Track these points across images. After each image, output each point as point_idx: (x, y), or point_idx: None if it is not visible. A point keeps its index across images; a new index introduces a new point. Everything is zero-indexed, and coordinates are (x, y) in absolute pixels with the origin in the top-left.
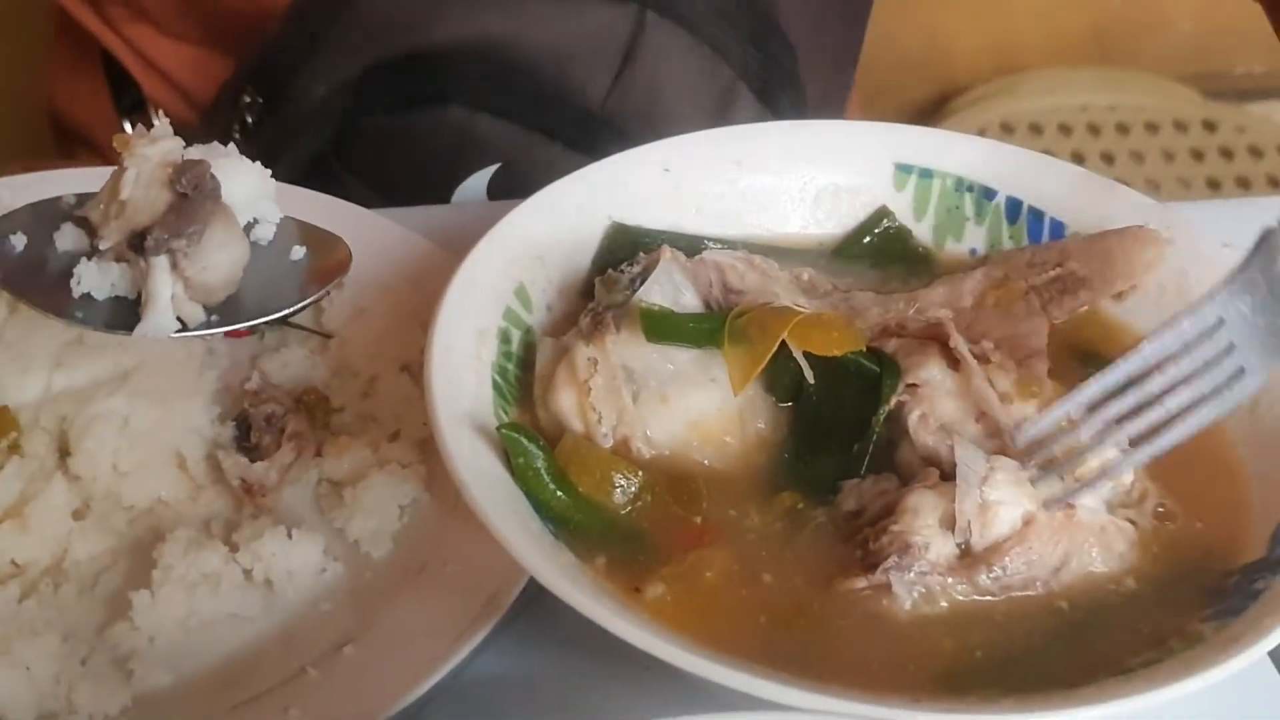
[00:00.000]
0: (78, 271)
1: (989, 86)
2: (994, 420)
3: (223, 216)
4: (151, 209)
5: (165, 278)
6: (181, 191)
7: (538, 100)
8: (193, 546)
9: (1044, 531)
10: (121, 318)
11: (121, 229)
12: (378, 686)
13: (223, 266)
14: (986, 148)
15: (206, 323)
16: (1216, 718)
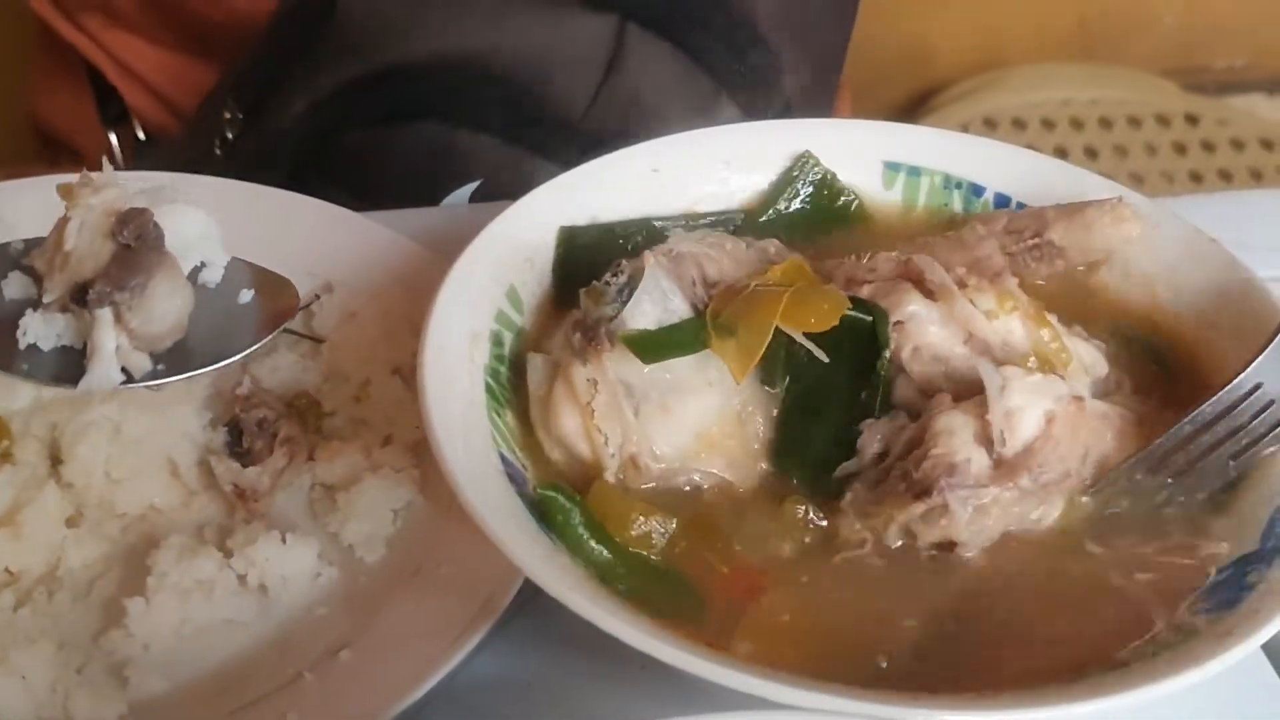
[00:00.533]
0: (24, 323)
1: (972, 82)
2: (982, 338)
3: (166, 266)
4: (95, 260)
5: (109, 330)
6: (124, 243)
7: (518, 114)
8: (186, 553)
9: (1065, 426)
10: (68, 368)
11: (66, 281)
12: (374, 690)
13: (167, 316)
14: (974, 144)
15: (153, 372)
16: (1209, 710)
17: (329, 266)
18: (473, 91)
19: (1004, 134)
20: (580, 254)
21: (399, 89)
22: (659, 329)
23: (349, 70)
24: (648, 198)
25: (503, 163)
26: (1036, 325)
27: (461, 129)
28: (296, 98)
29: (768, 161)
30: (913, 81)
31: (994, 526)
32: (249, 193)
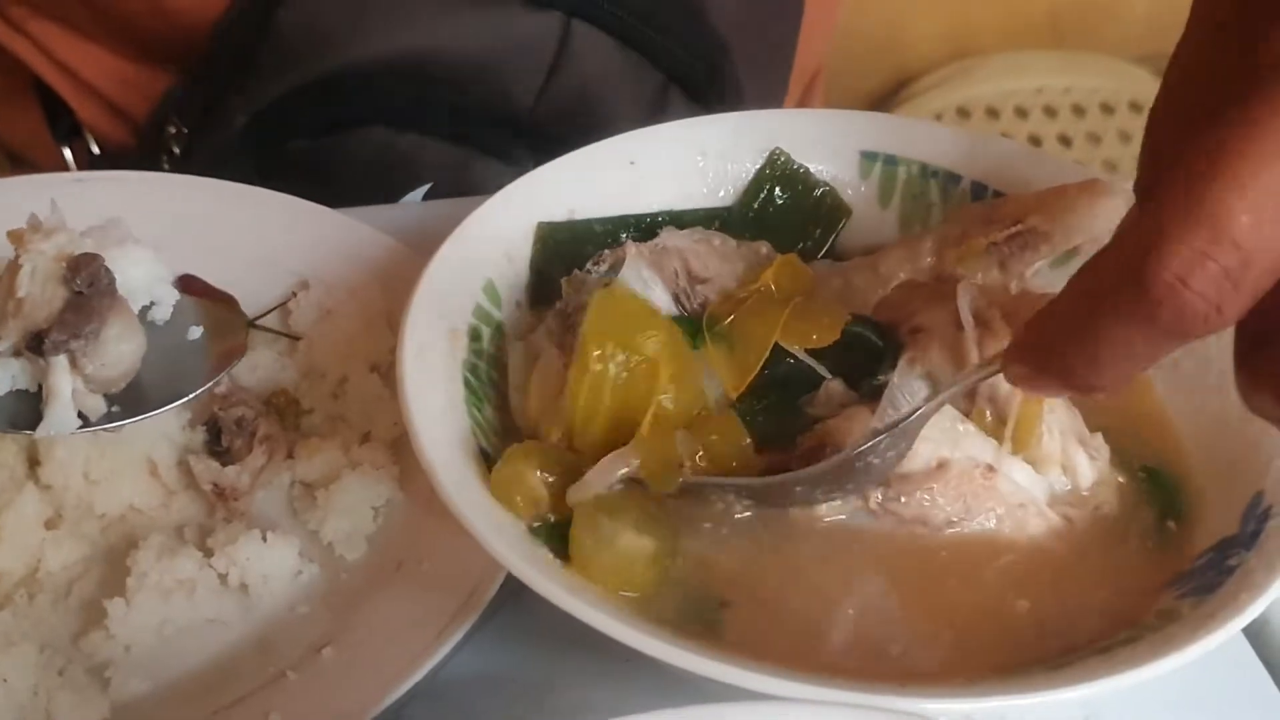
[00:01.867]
0: None
1: (944, 71)
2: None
3: (119, 311)
4: (48, 307)
5: (65, 376)
6: (78, 290)
7: (463, 114)
8: (166, 553)
9: (952, 481)
10: (23, 412)
11: (20, 328)
12: (358, 687)
13: (122, 360)
14: (951, 134)
15: (108, 414)
16: (1191, 694)
17: (305, 263)
18: (417, 94)
19: (978, 123)
20: (558, 249)
21: (342, 96)
22: None
23: (289, 80)
24: (625, 191)
25: (451, 164)
26: (1029, 399)
27: (408, 133)
28: (238, 110)
29: (743, 152)
30: (885, 71)
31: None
32: (222, 190)
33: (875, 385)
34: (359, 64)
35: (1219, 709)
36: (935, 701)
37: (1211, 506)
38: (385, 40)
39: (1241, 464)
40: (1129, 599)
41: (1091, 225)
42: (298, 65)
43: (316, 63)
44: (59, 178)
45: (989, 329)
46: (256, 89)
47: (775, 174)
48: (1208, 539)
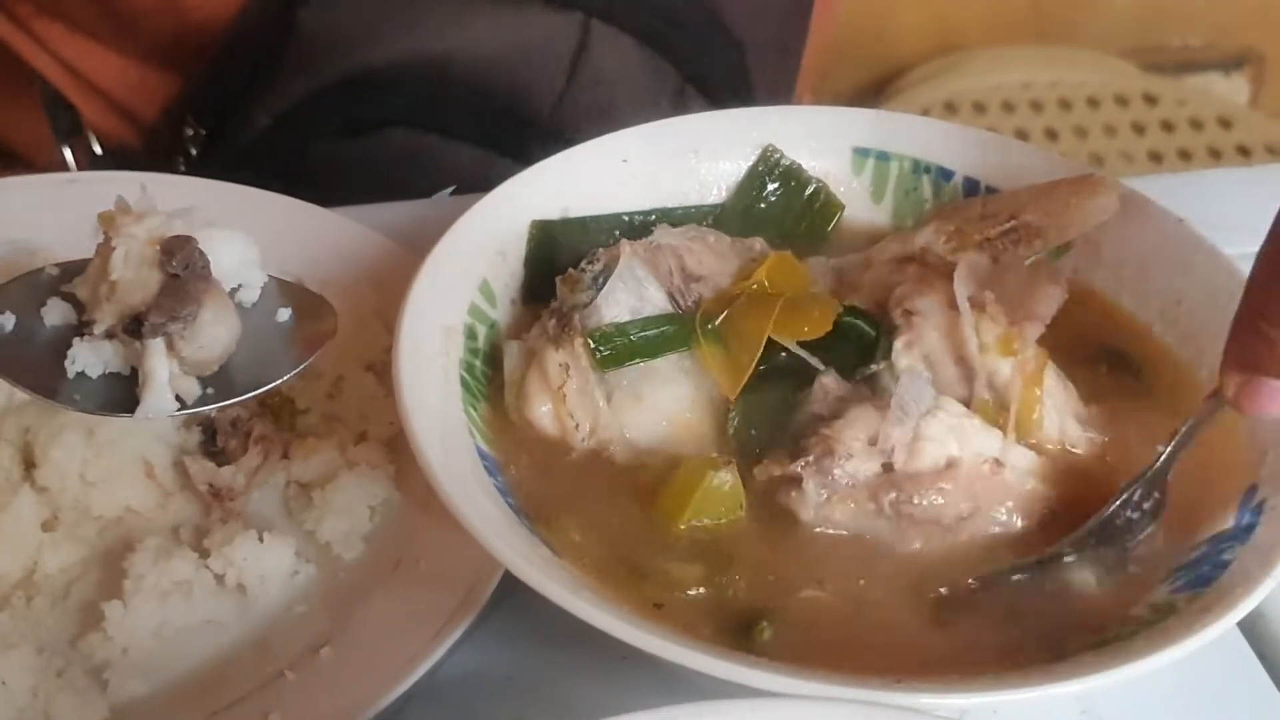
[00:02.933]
0: (72, 353)
1: (931, 66)
2: (969, 365)
3: (214, 294)
4: (143, 290)
5: (162, 359)
6: (173, 272)
7: (484, 116)
8: (163, 554)
9: (963, 478)
10: (116, 393)
11: (115, 311)
12: (356, 687)
13: (217, 343)
14: (942, 129)
15: (203, 396)
16: (1187, 687)
17: (300, 263)
18: (438, 96)
19: (965, 118)
20: (552, 247)
21: (363, 97)
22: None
23: (311, 81)
24: (618, 188)
25: (472, 166)
26: (1027, 381)
27: (429, 134)
28: (258, 111)
29: (736, 149)
30: (871, 67)
31: (838, 524)
32: (217, 190)
33: (869, 374)
34: (379, 64)
35: (1214, 702)
36: (931, 697)
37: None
38: (405, 40)
39: (1235, 457)
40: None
41: (1084, 221)
42: (318, 65)
43: (337, 63)
44: (51, 178)
45: (984, 312)
46: (277, 90)
47: (768, 170)
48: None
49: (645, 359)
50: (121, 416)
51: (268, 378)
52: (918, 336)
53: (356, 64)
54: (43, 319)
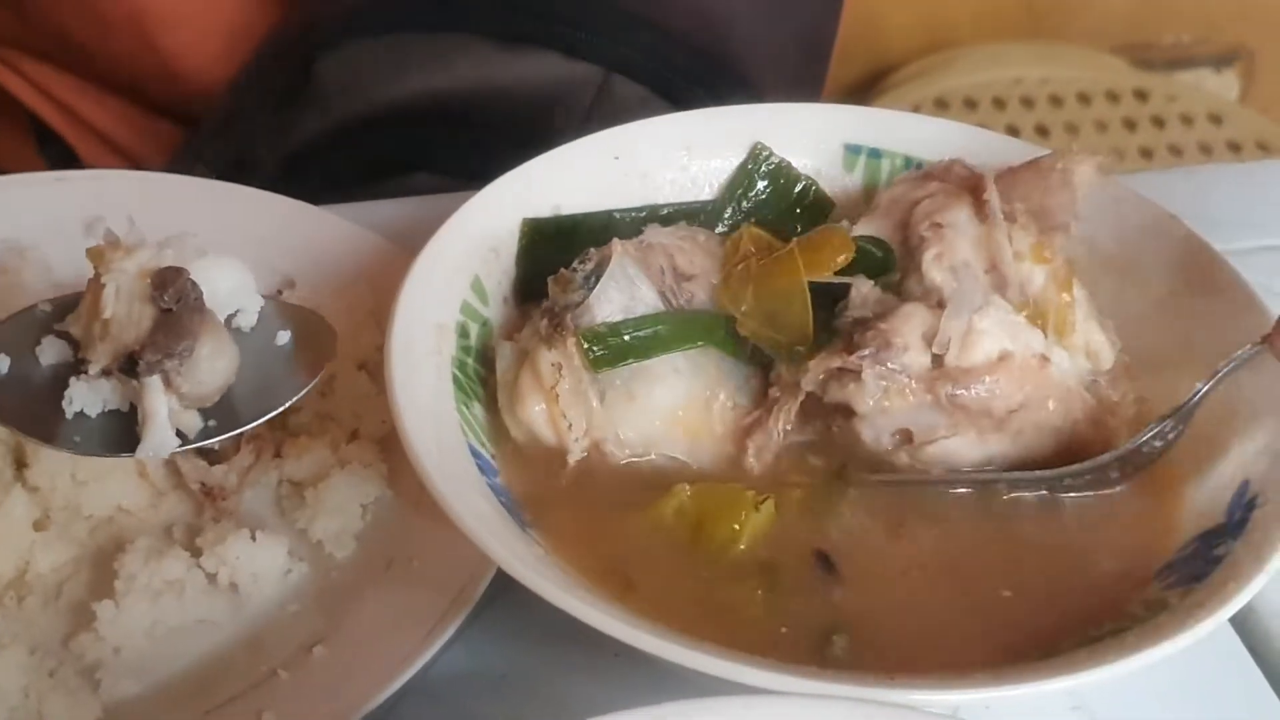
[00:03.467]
0: (69, 393)
1: (922, 63)
2: (1002, 272)
3: (210, 326)
4: (137, 326)
5: (160, 397)
6: (165, 306)
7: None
8: (154, 554)
9: (1015, 370)
10: (116, 431)
11: (109, 349)
12: (350, 686)
13: (216, 375)
14: (934, 126)
15: (205, 429)
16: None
17: (291, 261)
18: (458, 140)
19: (956, 114)
20: (544, 245)
21: (378, 139)
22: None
23: (324, 125)
24: (609, 185)
25: None
26: (1059, 288)
27: (449, 178)
28: (269, 155)
29: (728, 147)
30: (862, 64)
31: (894, 416)
32: (206, 189)
33: (893, 283)
34: (395, 106)
35: (1206, 698)
36: (924, 693)
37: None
38: (423, 84)
39: (1228, 452)
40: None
41: (1071, 200)
42: (331, 112)
43: (352, 108)
44: (40, 177)
45: (1015, 222)
46: (290, 135)
47: (758, 168)
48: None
49: (638, 359)
50: (123, 457)
51: (270, 405)
52: (948, 248)
53: (371, 109)
54: (38, 358)
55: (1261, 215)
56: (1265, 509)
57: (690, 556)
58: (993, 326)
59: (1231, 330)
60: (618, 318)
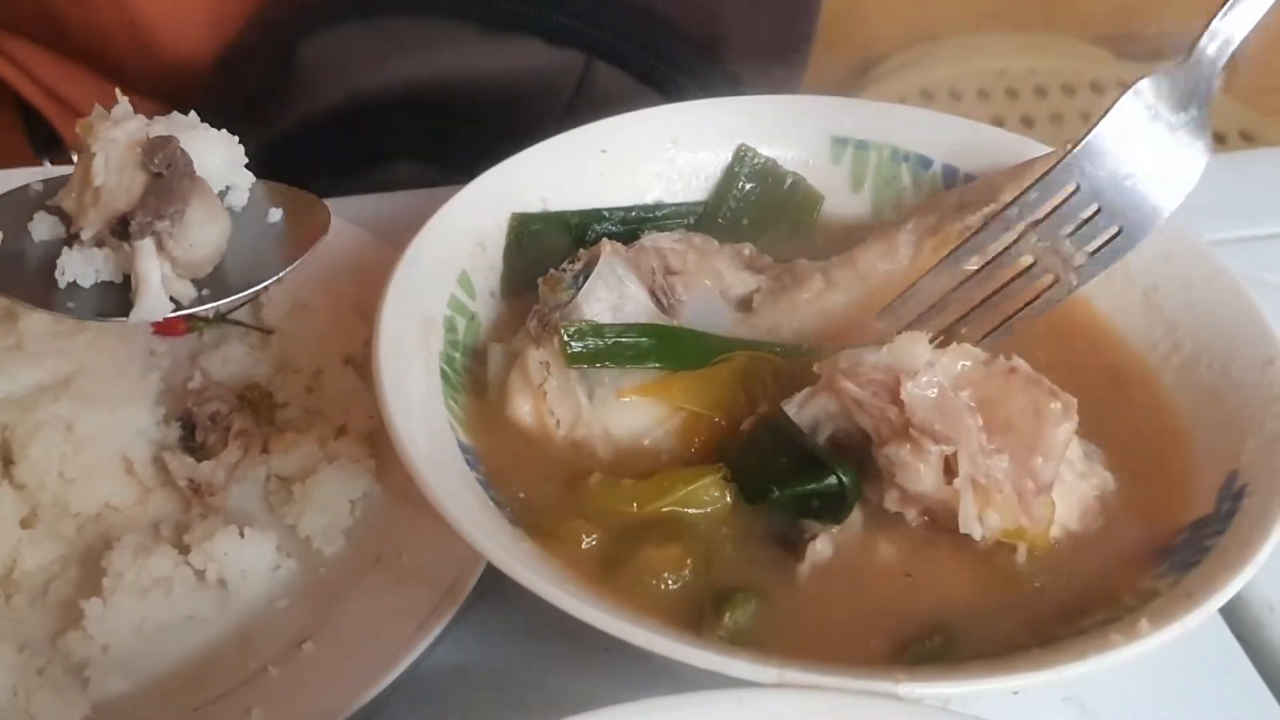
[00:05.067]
0: (61, 262)
1: (907, 55)
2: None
3: (201, 191)
4: (128, 193)
5: (153, 261)
6: (156, 171)
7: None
8: (142, 551)
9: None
10: (110, 303)
11: (101, 216)
12: (339, 682)
13: (209, 241)
14: (921, 117)
15: (199, 298)
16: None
17: None
18: (438, 127)
19: (941, 105)
20: (532, 239)
21: (361, 129)
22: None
23: (308, 110)
24: (597, 179)
25: None
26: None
27: (431, 167)
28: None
29: (715, 139)
30: (846, 56)
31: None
32: None
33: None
34: (377, 94)
35: (1197, 686)
36: (915, 686)
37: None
38: (404, 71)
39: (1217, 443)
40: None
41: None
42: (315, 96)
43: (335, 93)
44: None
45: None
46: (273, 119)
47: (744, 170)
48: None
49: (614, 365)
50: (116, 321)
51: (261, 277)
52: (910, 498)
53: (354, 95)
54: (30, 234)
55: (1246, 205)
56: (1253, 499)
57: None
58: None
59: (1217, 321)
60: (606, 317)
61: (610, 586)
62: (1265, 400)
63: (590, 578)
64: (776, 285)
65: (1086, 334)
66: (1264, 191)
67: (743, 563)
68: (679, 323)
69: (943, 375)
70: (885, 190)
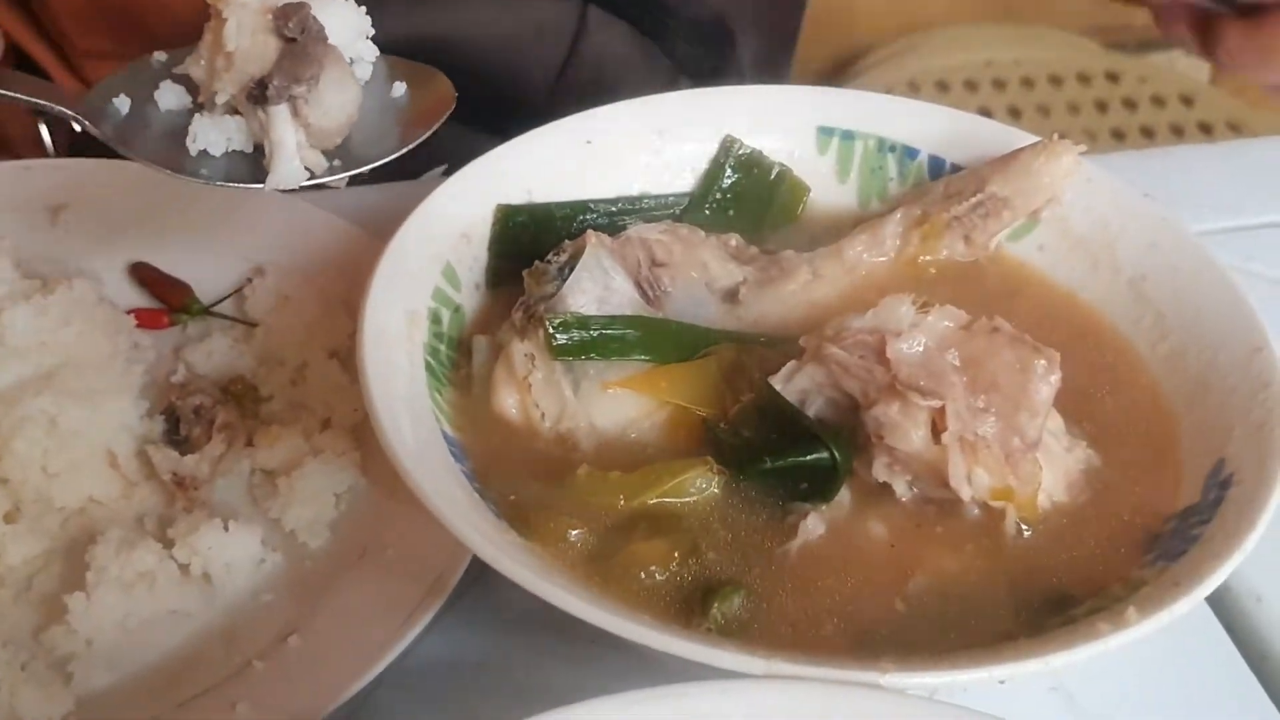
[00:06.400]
0: (193, 129)
1: (894, 46)
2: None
3: (334, 58)
4: (262, 58)
5: (288, 126)
6: (289, 36)
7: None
8: (126, 545)
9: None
10: (241, 172)
11: (235, 81)
12: (325, 675)
13: (341, 109)
14: (908, 107)
15: (330, 168)
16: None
17: (261, 249)
18: None
19: (928, 96)
20: (517, 231)
21: None
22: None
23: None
24: (582, 170)
25: (467, 148)
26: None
27: None
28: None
29: (701, 130)
30: (834, 47)
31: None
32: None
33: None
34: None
35: (1183, 677)
36: (899, 676)
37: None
38: (401, 24)
39: (1204, 431)
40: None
41: (1050, 185)
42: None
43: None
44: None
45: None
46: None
47: (730, 161)
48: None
49: (599, 357)
50: (252, 188)
51: (387, 151)
52: (897, 457)
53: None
54: (157, 104)
55: (1233, 196)
56: (1240, 488)
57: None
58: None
59: (1204, 311)
60: (592, 309)
61: (597, 579)
62: (1252, 389)
63: (577, 570)
64: (763, 277)
65: (1073, 323)
66: (1251, 182)
67: (731, 555)
68: (665, 315)
69: (927, 335)
70: (871, 181)
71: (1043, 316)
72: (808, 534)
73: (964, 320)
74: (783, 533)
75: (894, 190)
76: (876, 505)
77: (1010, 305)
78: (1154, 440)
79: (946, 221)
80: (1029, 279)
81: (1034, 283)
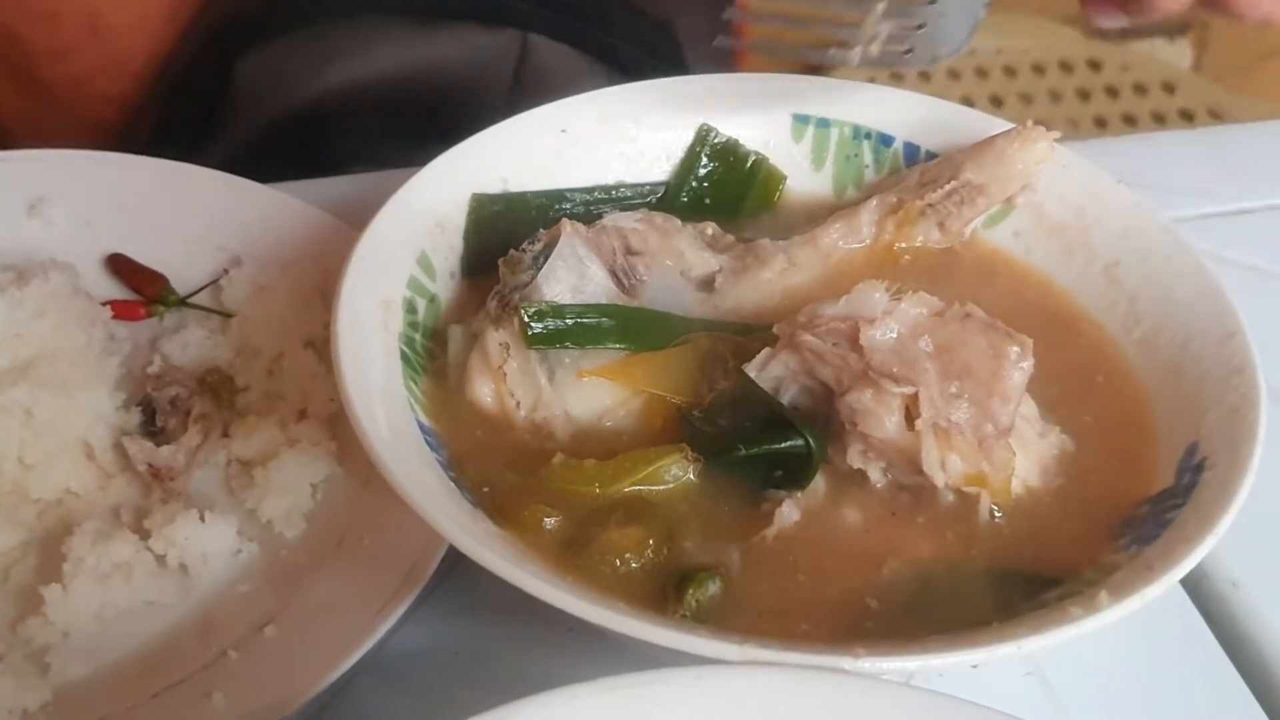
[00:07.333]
0: None
1: None
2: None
3: None
4: None
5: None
6: None
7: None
8: (102, 537)
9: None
10: None
11: None
12: (301, 665)
13: None
14: (882, 95)
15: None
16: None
17: (236, 239)
18: (389, 126)
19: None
20: (493, 221)
21: (312, 137)
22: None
23: (254, 126)
24: (557, 159)
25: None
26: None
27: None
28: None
29: (676, 118)
30: None
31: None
32: (151, 167)
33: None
34: (320, 103)
35: (1159, 659)
36: (875, 661)
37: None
38: (343, 75)
39: (1177, 415)
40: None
41: (1024, 172)
42: (259, 110)
43: (278, 106)
44: None
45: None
46: (221, 137)
47: (705, 149)
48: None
49: (575, 346)
50: None
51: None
52: (871, 444)
53: (297, 107)
54: None
55: (1212, 182)
56: (1213, 472)
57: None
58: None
59: (1177, 296)
60: (567, 297)
61: (573, 567)
62: (1225, 374)
63: (552, 559)
64: (739, 265)
65: (1047, 309)
66: (1228, 168)
67: (706, 542)
68: (640, 303)
69: (900, 322)
70: (846, 168)
71: (1017, 302)
72: (783, 521)
73: (937, 307)
74: (758, 520)
75: (869, 178)
76: (851, 492)
77: (985, 291)
78: (1127, 425)
79: (921, 209)
80: (1004, 265)
81: (1009, 269)
